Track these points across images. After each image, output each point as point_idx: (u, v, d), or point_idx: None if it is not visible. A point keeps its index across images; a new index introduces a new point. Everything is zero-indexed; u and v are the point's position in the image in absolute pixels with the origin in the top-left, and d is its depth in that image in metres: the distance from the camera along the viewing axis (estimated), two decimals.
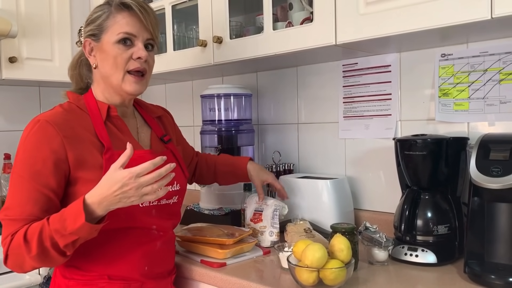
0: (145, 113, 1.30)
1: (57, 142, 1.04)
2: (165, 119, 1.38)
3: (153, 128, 1.27)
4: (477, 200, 1.15)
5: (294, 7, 1.55)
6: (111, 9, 1.14)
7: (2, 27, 1.75)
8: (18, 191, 1.03)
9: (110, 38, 1.13)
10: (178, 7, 1.79)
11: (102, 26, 1.14)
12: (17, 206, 1.02)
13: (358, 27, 1.25)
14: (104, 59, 1.14)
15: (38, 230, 0.98)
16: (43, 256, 0.99)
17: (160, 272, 1.19)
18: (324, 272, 1.04)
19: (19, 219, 1.01)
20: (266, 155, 1.92)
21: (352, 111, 1.65)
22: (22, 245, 0.98)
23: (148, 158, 1.03)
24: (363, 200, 1.64)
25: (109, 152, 1.08)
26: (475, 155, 1.14)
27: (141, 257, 1.13)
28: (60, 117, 1.09)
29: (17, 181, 1.04)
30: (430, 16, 1.12)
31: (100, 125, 1.12)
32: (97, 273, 1.10)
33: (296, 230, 1.38)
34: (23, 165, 1.04)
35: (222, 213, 1.65)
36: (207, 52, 1.64)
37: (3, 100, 2.20)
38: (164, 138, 1.27)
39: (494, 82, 1.33)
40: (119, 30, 1.12)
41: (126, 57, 1.13)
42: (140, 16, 1.13)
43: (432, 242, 1.26)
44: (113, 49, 1.12)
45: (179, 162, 1.26)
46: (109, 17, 1.14)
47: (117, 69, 1.13)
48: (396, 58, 1.53)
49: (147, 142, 1.23)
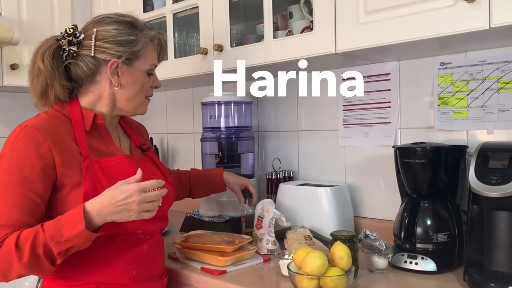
0: (124, 124, 1.34)
1: (45, 147, 1.04)
2: (142, 130, 1.43)
3: (132, 138, 1.32)
4: (476, 208, 1.16)
5: (294, 16, 1.57)
6: (142, 37, 1.19)
7: (4, 34, 1.76)
8: (5, 196, 1.01)
9: (142, 66, 1.20)
10: (179, 15, 1.81)
11: (139, 54, 1.19)
12: (4, 212, 1.00)
13: (358, 35, 1.26)
14: (131, 83, 1.19)
15: (31, 237, 0.97)
16: (33, 264, 0.98)
17: (149, 276, 1.19)
18: (324, 280, 1.04)
19: (6, 225, 1.00)
20: (266, 162, 1.93)
21: (351, 118, 1.65)
22: (13, 252, 0.96)
23: (126, 162, 1.16)
24: (362, 208, 1.64)
25: (87, 160, 1.09)
26: (474, 163, 1.14)
27: (128, 261, 1.13)
28: (47, 123, 1.09)
29: (3, 186, 1.02)
30: (430, 25, 1.13)
31: (81, 133, 1.12)
32: (84, 281, 1.10)
33: (296, 238, 1.38)
34: (9, 170, 1.03)
35: (222, 220, 1.65)
36: (208, 60, 1.65)
37: (3, 106, 2.21)
38: (143, 147, 1.32)
39: (492, 90, 1.34)
40: (152, 62, 1.22)
41: (149, 84, 1.24)
42: (161, 51, 1.27)
43: (432, 249, 1.26)
44: (143, 77, 1.21)
45: (160, 168, 1.31)
46: (144, 47, 1.20)
47: (140, 94, 1.22)
48: (396, 67, 1.54)
49: (127, 150, 1.27)
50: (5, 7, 1.87)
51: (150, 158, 1.31)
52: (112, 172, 1.12)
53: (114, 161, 1.15)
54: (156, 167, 1.30)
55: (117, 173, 1.12)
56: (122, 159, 1.17)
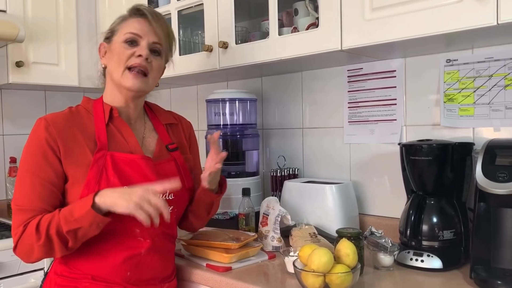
0: (155, 119, 1.31)
1: (52, 138, 1.10)
2: (180, 127, 1.36)
3: (160, 135, 1.27)
4: (483, 206, 1.15)
5: (299, 13, 1.56)
6: (126, 15, 1.23)
7: (9, 31, 1.76)
8: (24, 184, 1.10)
9: (118, 38, 1.20)
10: (184, 12, 1.81)
11: (115, 29, 1.22)
12: (24, 197, 1.09)
13: (363, 32, 1.26)
14: (110, 57, 1.21)
15: (48, 220, 1.05)
16: (47, 244, 1.05)
17: (146, 280, 1.17)
18: (330, 277, 1.04)
19: (28, 209, 1.08)
20: (271, 160, 1.93)
21: (357, 116, 1.65)
22: (33, 234, 1.04)
23: (140, 163, 1.15)
24: (368, 205, 1.64)
25: (101, 151, 1.13)
26: (481, 161, 1.14)
27: (123, 261, 1.13)
28: (60, 117, 1.15)
29: (21, 174, 1.12)
30: (436, 22, 1.13)
31: (101, 126, 1.17)
32: (81, 271, 1.13)
33: (301, 235, 1.38)
34: (27, 159, 1.12)
35: (227, 217, 1.65)
36: (213, 57, 1.65)
37: (9, 104, 2.22)
38: (170, 146, 1.26)
39: (499, 87, 1.33)
40: (127, 30, 1.19)
41: (128, 54, 1.17)
42: (150, 21, 1.20)
43: (438, 247, 1.25)
44: (119, 47, 1.19)
45: (181, 171, 1.25)
46: (122, 21, 1.22)
47: (119, 64, 1.18)
48: (402, 64, 1.53)
49: (152, 147, 1.24)
50: (10, 5, 1.87)
51: (174, 160, 1.25)
52: (124, 168, 1.13)
53: (129, 159, 1.15)
54: (177, 170, 1.24)
55: (128, 170, 1.14)
56: (138, 159, 1.16)
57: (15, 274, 1.65)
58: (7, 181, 2.11)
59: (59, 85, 2.06)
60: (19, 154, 1.15)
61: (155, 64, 1.21)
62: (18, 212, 1.09)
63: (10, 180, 2.08)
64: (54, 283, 1.16)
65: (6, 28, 1.76)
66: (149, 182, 1.11)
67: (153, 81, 1.22)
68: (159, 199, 1.03)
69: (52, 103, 2.34)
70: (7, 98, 2.21)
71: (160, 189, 1.05)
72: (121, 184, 1.10)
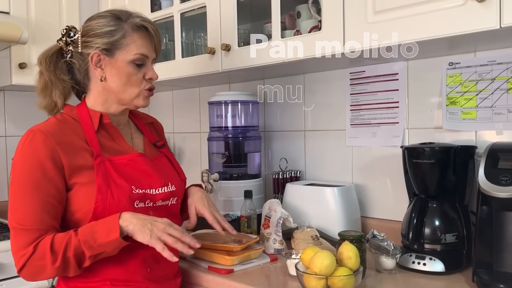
0: (137, 120, 1.33)
1: (52, 150, 1.06)
2: (157, 126, 1.42)
3: (146, 134, 1.31)
4: (485, 209, 1.15)
5: (302, 15, 1.56)
6: (125, 26, 1.15)
7: (13, 33, 1.77)
8: (24, 201, 1.05)
9: (125, 56, 1.15)
10: (186, 14, 1.81)
11: (119, 43, 1.15)
12: (27, 216, 1.04)
13: (366, 35, 1.25)
14: (115, 75, 1.16)
15: (64, 242, 1.03)
16: (63, 267, 1.03)
17: (163, 275, 1.20)
18: (333, 280, 1.04)
19: (33, 228, 1.04)
20: (273, 162, 1.93)
21: (359, 118, 1.65)
22: (47, 256, 1.02)
23: (138, 160, 1.17)
24: (370, 208, 1.64)
25: (98, 158, 1.11)
26: (483, 164, 1.14)
27: (143, 260, 1.14)
28: (53, 126, 1.12)
29: (20, 192, 1.06)
30: (439, 25, 1.13)
31: (91, 133, 1.15)
32: (99, 278, 1.11)
33: (303, 237, 1.38)
34: (23, 175, 1.07)
35: (228, 219, 1.65)
36: (215, 60, 1.66)
37: (12, 105, 2.22)
38: (158, 144, 1.31)
39: (502, 91, 1.33)
40: (136, 51, 1.15)
41: (140, 77, 1.18)
42: (153, 37, 1.19)
43: (440, 250, 1.25)
44: (127, 68, 1.16)
45: (174, 165, 1.30)
46: (125, 36, 1.15)
47: (131, 87, 1.17)
48: (404, 66, 1.53)
49: (141, 147, 1.27)
50: (13, 7, 1.88)
51: (165, 155, 1.30)
52: (125, 169, 1.14)
53: (127, 159, 1.16)
54: (171, 165, 1.29)
55: (129, 171, 1.14)
56: (135, 157, 1.18)
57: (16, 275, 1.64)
58: (9, 182, 2.11)
59: None
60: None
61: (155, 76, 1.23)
62: (21, 232, 1.04)
63: None
64: None
65: (9, 29, 1.77)
66: (151, 178, 1.16)
67: None
68: (180, 232, 1.08)
69: None
70: (10, 100, 2.21)
71: (176, 227, 1.10)
72: (128, 185, 1.11)
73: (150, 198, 1.15)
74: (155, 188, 1.17)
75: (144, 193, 1.14)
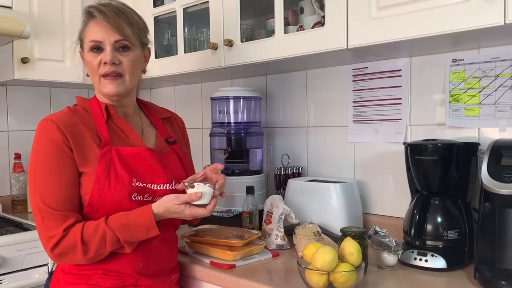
0: (151, 115, 1.33)
1: (62, 139, 1.11)
2: (174, 122, 1.40)
3: (158, 129, 1.31)
4: (488, 206, 1.15)
5: (305, 11, 1.56)
6: (85, 18, 1.21)
7: (15, 28, 1.77)
8: (49, 184, 1.09)
9: (86, 46, 1.19)
10: (189, 10, 1.81)
11: (81, 37, 1.22)
12: (56, 198, 1.08)
13: (369, 31, 1.25)
14: (86, 66, 1.22)
15: (98, 235, 1.07)
16: (95, 258, 1.10)
17: (156, 270, 1.20)
18: (334, 275, 1.04)
19: (62, 211, 1.08)
20: (275, 158, 1.93)
21: (362, 115, 1.65)
22: (78, 246, 1.07)
23: (145, 155, 1.18)
24: (372, 204, 1.64)
25: (106, 147, 1.14)
26: (486, 161, 1.13)
27: (135, 253, 1.15)
28: (66, 117, 1.16)
29: (42, 176, 1.10)
30: (442, 21, 1.12)
31: (101, 123, 1.18)
32: (92, 267, 1.13)
33: (305, 233, 1.38)
34: (39, 161, 1.11)
35: (230, 215, 1.65)
36: (218, 55, 1.65)
37: (14, 100, 2.22)
38: (170, 139, 1.30)
39: (505, 87, 1.33)
40: (89, 39, 1.18)
41: (96, 63, 1.17)
42: (107, 20, 1.15)
43: (442, 247, 1.25)
44: (88, 56, 1.19)
45: (183, 163, 1.30)
46: (84, 27, 1.20)
47: (93, 75, 1.20)
48: (407, 63, 1.53)
49: (151, 141, 1.27)
50: (16, 1, 1.88)
51: (175, 152, 1.29)
52: (129, 161, 1.15)
53: (133, 152, 1.17)
54: (179, 162, 1.29)
55: (133, 163, 1.15)
56: (143, 151, 1.19)
57: (19, 269, 1.65)
58: (11, 177, 2.11)
59: (64, 82, 2.07)
60: (24, 150, 1.15)
61: (127, 60, 1.18)
62: (50, 214, 1.07)
63: (15, 176, 2.09)
64: (63, 281, 1.16)
65: (11, 24, 1.76)
66: (155, 173, 1.17)
67: (132, 77, 1.20)
68: (198, 209, 1.14)
69: (56, 99, 2.35)
70: (12, 94, 2.21)
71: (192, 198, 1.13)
72: (129, 177, 1.12)
73: (149, 193, 1.16)
74: (157, 184, 1.17)
75: (144, 187, 1.15)
